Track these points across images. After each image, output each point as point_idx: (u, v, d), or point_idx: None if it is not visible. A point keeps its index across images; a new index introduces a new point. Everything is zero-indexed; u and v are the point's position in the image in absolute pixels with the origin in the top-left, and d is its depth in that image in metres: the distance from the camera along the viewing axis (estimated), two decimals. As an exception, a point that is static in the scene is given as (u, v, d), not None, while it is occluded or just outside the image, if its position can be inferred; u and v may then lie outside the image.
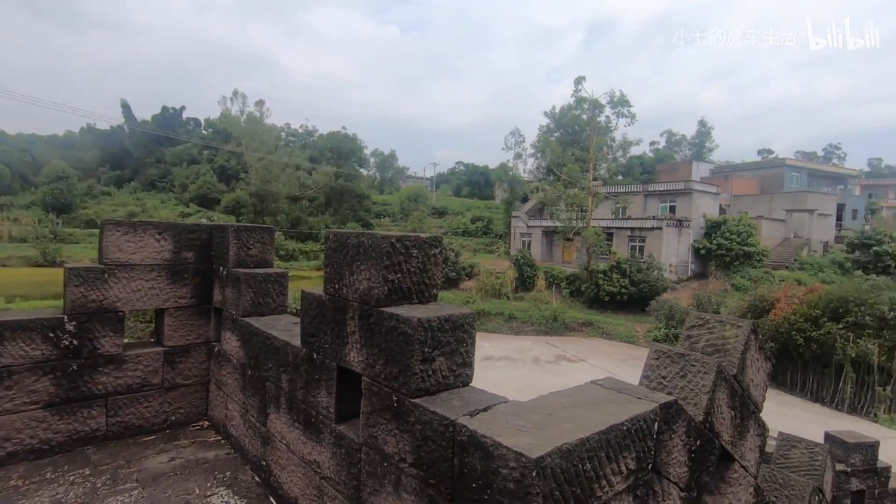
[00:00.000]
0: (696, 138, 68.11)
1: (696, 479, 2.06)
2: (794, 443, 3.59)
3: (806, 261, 33.36)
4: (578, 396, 1.86)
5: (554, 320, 26.75)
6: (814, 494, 3.30)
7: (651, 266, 29.16)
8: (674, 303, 24.97)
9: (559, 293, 31.43)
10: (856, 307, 16.18)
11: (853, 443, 5.66)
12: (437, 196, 74.11)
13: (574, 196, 30.66)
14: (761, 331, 19.03)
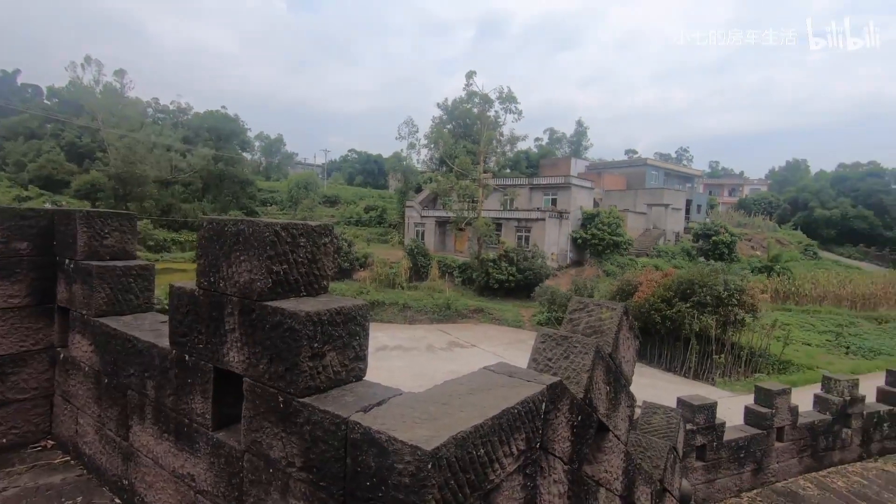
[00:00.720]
0: (574, 137, 73.94)
1: (577, 452, 2.22)
2: (655, 409, 4.05)
3: (662, 249, 38.09)
4: (473, 383, 1.88)
5: (447, 308, 27.42)
6: (670, 453, 3.76)
7: (535, 255, 31.15)
8: (555, 288, 26.98)
9: (452, 282, 32.28)
10: (699, 288, 18.86)
11: (698, 405, 6.58)
12: (328, 184, 71.61)
13: (466, 187, 31.59)
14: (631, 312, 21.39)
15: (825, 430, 8.05)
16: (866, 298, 28.29)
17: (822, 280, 31.28)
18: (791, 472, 7.73)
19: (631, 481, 2.98)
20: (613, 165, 55.44)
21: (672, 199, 43.76)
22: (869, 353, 20.39)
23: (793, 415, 7.63)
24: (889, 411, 8.83)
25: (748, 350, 18.96)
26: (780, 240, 44.29)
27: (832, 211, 52.40)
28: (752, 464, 7.26)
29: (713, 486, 6.90)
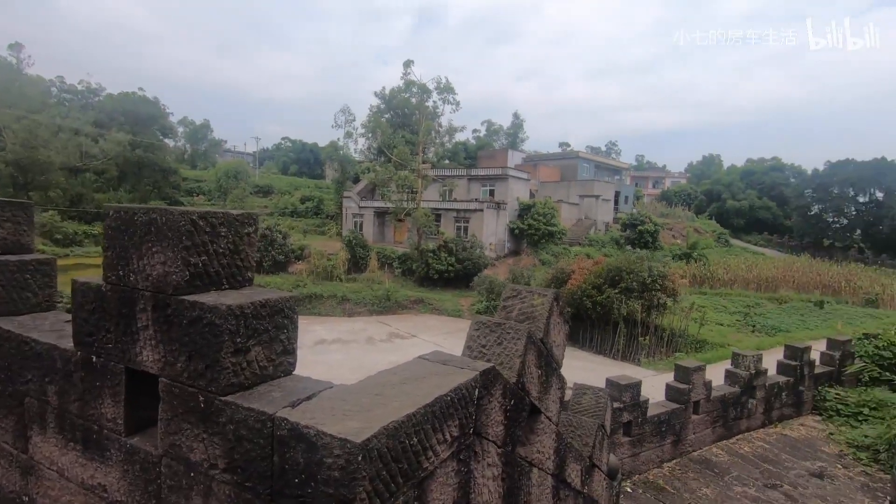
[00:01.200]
0: (511, 129, 75.47)
1: (511, 435, 2.28)
2: (585, 390, 4.25)
3: (593, 238, 39.94)
4: (406, 372, 1.87)
5: (387, 299, 27.24)
6: (598, 431, 3.97)
7: (474, 245, 31.61)
8: (493, 278, 27.57)
9: (391, 273, 32.08)
10: (626, 275, 19.99)
11: (625, 384, 7.00)
12: (261, 173, 68.51)
13: (405, 178, 31.38)
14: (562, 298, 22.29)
15: (734, 401, 8.84)
16: (769, 281, 31.27)
17: (732, 265, 34.17)
18: (706, 441, 8.44)
19: (562, 460, 3.11)
20: (548, 158, 57.21)
21: (602, 190, 45.90)
22: (771, 330, 22.58)
23: (707, 389, 8.30)
24: (787, 382, 9.84)
25: (669, 331, 20.37)
26: (697, 229, 47.83)
27: (741, 202, 57.28)
28: (672, 436, 7.84)
29: (638, 459, 7.38)
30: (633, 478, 7.21)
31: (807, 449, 8.70)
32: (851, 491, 7.35)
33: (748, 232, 55.94)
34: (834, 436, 9.23)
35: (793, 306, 26.87)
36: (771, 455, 8.37)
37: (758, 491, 7.18)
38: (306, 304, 26.35)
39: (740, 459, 8.12)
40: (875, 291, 29.16)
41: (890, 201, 48.37)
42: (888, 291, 29.51)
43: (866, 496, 7.16)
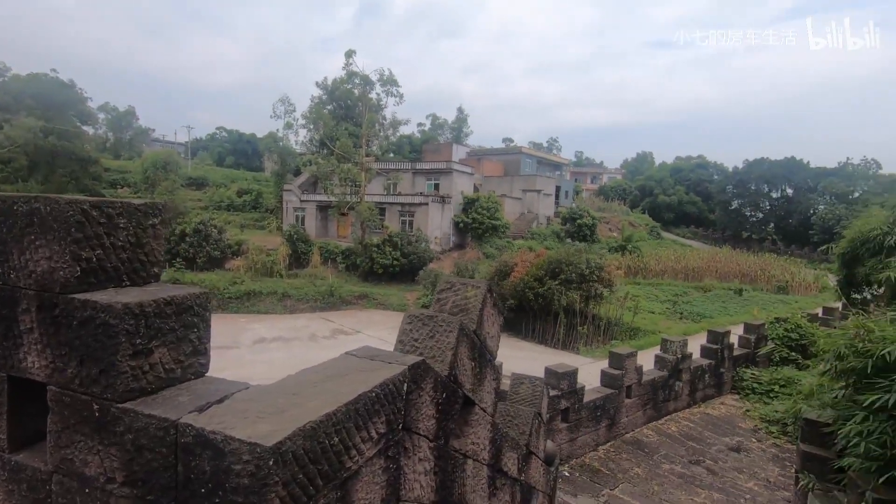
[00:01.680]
0: (456, 123, 75.82)
1: (443, 429, 2.26)
2: (522, 380, 4.33)
3: (535, 232, 41.02)
4: (331, 370, 1.80)
5: (330, 295, 26.68)
6: (535, 419, 4.06)
7: (419, 239, 31.56)
8: (438, 271, 27.67)
9: (335, 268, 31.42)
10: (566, 267, 20.69)
11: (562, 372, 7.23)
12: (193, 165, 64.74)
13: (348, 171, 30.75)
14: (505, 290, 22.80)
15: (663, 384, 9.39)
16: (695, 271, 33.47)
17: (663, 257, 36.26)
18: (637, 423, 8.91)
19: (498, 450, 3.14)
20: (492, 153, 58.00)
21: (544, 185, 47.18)
22: (697, 317, 24.21)
23: (638, 374, 8.76)
24: (709, 364, 10.57)
25: (606, 320, 21.33)
26: (631, 222, 50.32)
27: (671, 197, 60.83)
28: (607, 420, 8.21)
29: (576, 444, 7.67)
30: (571, 462, 7.49)
31: (726, 426, 9.40)
32: (764, 462, 8.01)
33: (677, 225, 59.57)
34: (749, 412, 10.03)
35: (716, 294, 28.92)
36: (695, 433, 8.97)
37: (683, 467, 7.67)
38: (244, 302, 25.29)
39: (668, 439, 8.64)
40: (785, 279, 31.97)
41: (798, 197, 53.14)
42: (796, 279, 32.46)
43: (776, 466, 7.83)
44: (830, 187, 50.65)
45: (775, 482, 7.27)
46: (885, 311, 5.49)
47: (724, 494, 6.85)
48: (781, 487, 7.07)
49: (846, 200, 48.30)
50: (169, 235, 29.63)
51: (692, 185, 62.62)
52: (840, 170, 52.71)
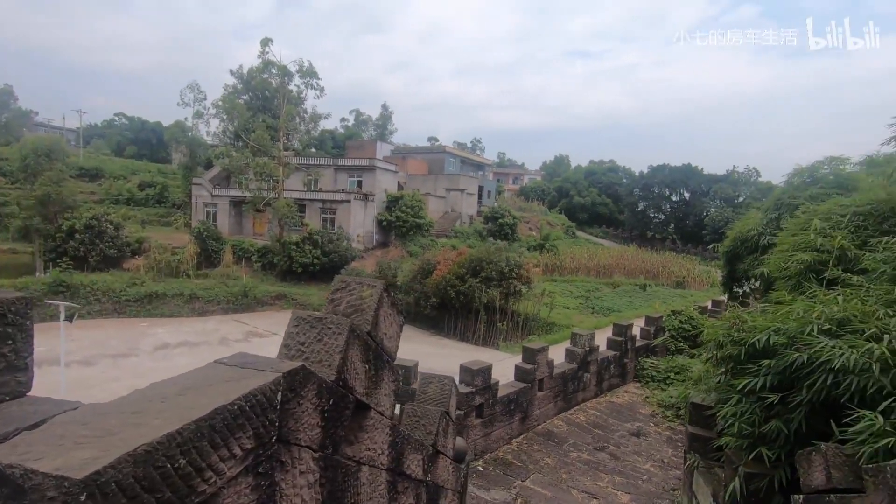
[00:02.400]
0: (380, 120, 74.94)
1: (331, 437, 2.13)
2: (431, 379, 4.29)
3: (459, 230, 41.59)
4: (189, 381, 1.61)
5: (244, 296, 25.25)
6: (442, 418, 4.03)
7: (341, 237, 30.79)
8: (361, 270, 27.16)
9: (250, 267, 29.79)
10: (486, 265, 21.15)
11: (476, 369, 7.32)
12: (87, 153, 58.42)
13: (264, 165, 29.22)
14: (428, 288, 22.84)
15: (573, 376, 9.85)
16: (606, 268, 35.70)
17: (577, 255, 38.31)
18: (549, 414, 9.27)
19: (399, 453, 3.06)
20: (416, 151, 58.03)
21: (467, 184, 47.98)
22: (606, 311, 25.83)
23: (550, 367, 9.11)
24: (614, 356, 11.26)
25: (524, 316, 22.10)
26: (549, 222, 52.65)
27: (585, 198, 64.47)
28: (520, 413, 8.45)
29: (490, 438, 7.81)
30: (485, 456, 7.61)
31: (628, 412, 10.06)
32: (660, 444, 8.66)
33: (591, 225, 63.26)
34: (649, 399, 10.82)
35: (623, 289, 31.04)
36: (601, 421, 9.50)
37: (590, 454, 8.08)
38: (145, 305, 23.20)
39: (577, 428, 9.08)
40: (683, 275, 35.07)
41: (694, 200, 58.60)
42: (692, 275, 35.73)
43: (670, 447, 8.50)
44: (720, 192, 56.33)
45: (669, 462, 7.89)
46: (758, 303, 6.11)
47: (624, 477, 7.30)
48: (674, 467, 7.68)
49: (732, 204, 53.95)
50: (54, 232, 26.41)
51: (604, 187, 66.79)
52: (728, 177, 58.79)
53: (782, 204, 10.48)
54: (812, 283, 5.40)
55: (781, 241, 6.87)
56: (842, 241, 5.29)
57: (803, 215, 6.87)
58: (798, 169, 10.77)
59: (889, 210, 5.73)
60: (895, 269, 4.57)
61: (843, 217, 6.01)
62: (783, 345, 4.24)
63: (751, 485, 4.33)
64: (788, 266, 5.95)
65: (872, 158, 11.75)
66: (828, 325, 4.04)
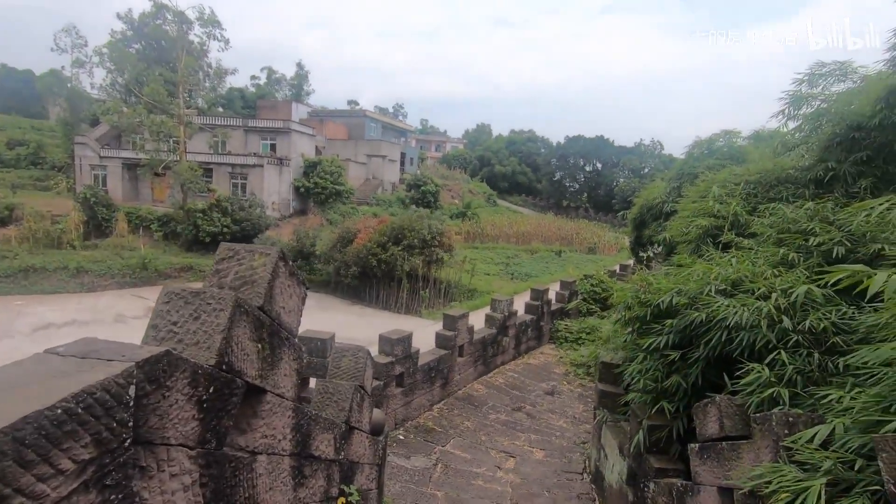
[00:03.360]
0: (295, 80, 70.47)
1: (213, 430, 1.83)
2: (344, 353, 4.04)
3: (381, 198, 40.77)
4: (3, 378, 1.25)
5: (143, 269, 23.07)
6: (356, 392, 3.82)
7: (253, 204, 28.94)
8: (276, 239, 25.77)
9: (150, 237, 27.17)
10: (408, 233, 20.92)
11: (396, 338, 7.16)
12: (-67, 104, 49.28)
13: (161, 124, 26.33)
14: (348, 257, 22.20)
15: (492, 341, 10.05)
16: (524, 236, 36.94)
17: (498, 223, 39.20)
18: (469, 379, 9.42)
19: (305, 435, 2.82)
20: (335, 114, 55.43)
21: (389, 151, 46.87)
22: (525, 277, 26.80)
23: (470, 333, 9.20)
24: (532, 319, 11.65)
25: (446, 283, 22.30)
26: (471, 190, 53.20)
27: (506, 167, 65.81)
28: (441, 380, 8.48)
29: (411, 406, 7.77)
30: (406, 424, 7.58)
31: (544, 373, 10.52)
32: (572, 401, 9.15)
33: (511, 193, 64.89)
34: (562, 359, 11.39)
35: (541, 256, 32.36)
36: (518, 382, 9.84)
37: (507, 415, 8.34)
38: (20, 281, 20.45)
39: (496, 391, 9.33)
40: (595, 241, 37.23)
41: (605, 171, 62.01)
42: (603, 241, 38.04)
43: (581, 404, 9.01)
44: (628, 163, 60.02)
45: (580, 417, 8.37)
46: (662, 266, 6.46)
47: (539, 435, 7.62)
48: (584, 421, 8.15)
49: (639, 175, 57.77)
50: None
51: (524, 157, 68.48)
52: (635, 149, 62.68)
53: (683, 174, 11.20)
54: (709, 246, 5.79)
55: (682, 208, 7.31)
56: (735, 208, 5.67)
57: (702, 184, 7.33)
58: (698, 141, 11.53)
59: (775, 179, 6.23)
60: (780, 232, 4.97)
61: (737, 185, 6.47)
62: (684, 305, 4.50)
63: (653, 436, 4.63)
64: (689, 231, 6.33)
65: (759, 133, 12.90)
66: (724, 286, 4.31)
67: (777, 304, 3.70)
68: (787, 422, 2.87)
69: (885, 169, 5.45)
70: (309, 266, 23.82)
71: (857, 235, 4.31)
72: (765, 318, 3.63)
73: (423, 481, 6.12)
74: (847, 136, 5.75)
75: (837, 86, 6.25)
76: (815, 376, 3.35)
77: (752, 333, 3.66)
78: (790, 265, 4.37)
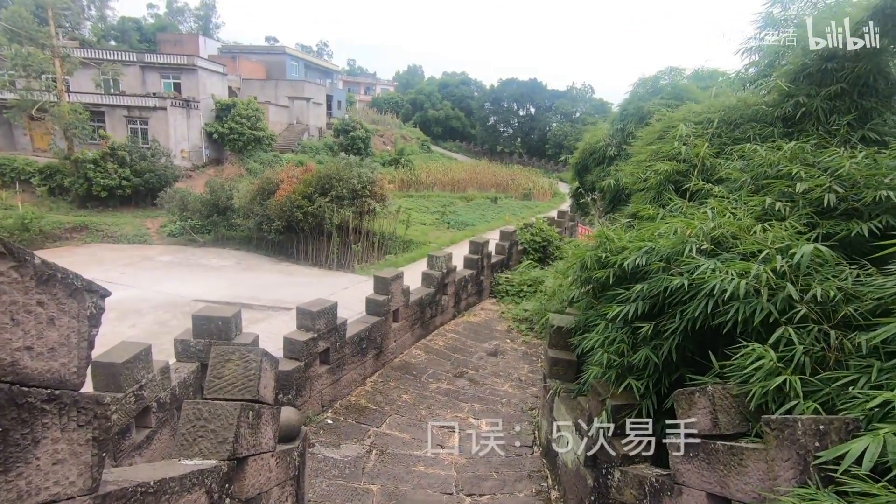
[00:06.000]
0: (202, 10, 62.44)
1: None
2: (229, 356, 2.94)
3: (307, 144, 37.81)
4: None
5: (24, 230, 19.82)
6: (244, 413, 2.78)
7: (157, 152, 25.59)
8: (186, 192, 23.04)
9: (31, 193, 23.38)
10: (337, 182, 19.26)
11: (317, 311, 6.08)
12: None
13: (28, 57, 21.97)
14: (271, 211, 20.15)
15: (430, 301, 9.21)
16: (460, 183, 36.00)
17: (433, 170, 37.84)
18: (406, 345, 8.59)
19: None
20: (250, 51, 49.93)
21: (314, 93, 43.18)
22: (462, 225, 26.12)
23: (405, 296, 8.27)
24: (471, 274, 10.91)
25: (380, 235, 21.11)
26: (404, 136, 50.88)
27: (440, 112, 63.46)
28: (374, 349, 7.57)
29: (340, 384, 6.84)
30: (335, 406, 6.67)
31: (486, 331, 9.91)
32: (516, 361, 8.63)
33: (445, 139, 63.01)
34: (504, 314, 10.84)
35: (477, 203, 31.72)
36: (459, 344, 9.17)
37: (448, 383, 7.65)
38: None
39: (435, 356, 8.59)
40: (529, 187, 37.04)
41: (539, 115, 61.47)
42: (537, 187, 37.96)
43: (526, 363, 8.51)
44: (560, 107, 59.76)
45: (525, 380, 7.86)
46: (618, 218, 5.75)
47: (484, 404, 7.02)
48: (530, 384, 7.66)
49: (570, 119, 57.87)
50: None
51: (457, 100, 66.24)
52: (567, 93, 62.32)
53: (628, 115, 10.56)
54: (672, 194, 5.11)
55: (637, 152, 6.58)
56: (705, 150, 4.97)
57: (658, 123, 6.60)
58: (642, 79, 10.84)
59: (739, 116, 5.59)
60: (757, 178, 4.32)
61: (698, 125, 5.78)
62: (657, 268, 3.80)
63: (618, 417, 4.04)
64: (647, 177, 5.62)
65: (699, 72, 12.43)
66: (705, 245, 3.62)
67: (775, 268, 3.05)
68: (817, 430, 2.20)
69: (858, 104, 4.90)
70: (227, 221, 21.60)
71: (848, 181, 3.72)
72: (765, 287, 2.95)
73: (356, 474, 5.30)
74: (818, 66, 5.13)
75: (813, 12, 5.58)
76: (828, 359, 2.72)
77: (746, 304, 3.00)
78: (779, 217, 3.73)
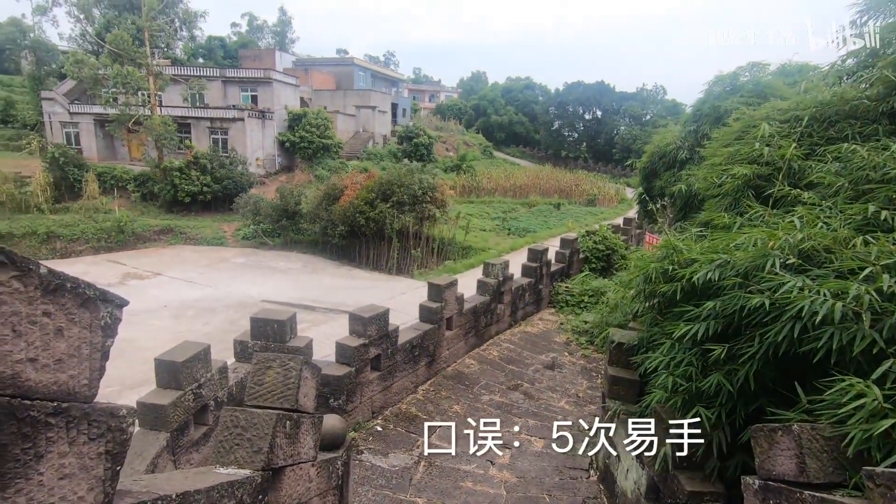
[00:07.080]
0: (278, 27, 66.36)
1: None
2: (270, 363, 2.93)
3: (371, 152, 38.90)
4: None
5: (119, 232, 21.83)
6: (279, 423, 2.74)
7: (235, 160, 27.32)
8: (259, 198, 24.38)
9: (127, 198, 25.76)
10: (398, 188, 19.55)
11: (369, 317, 6.07)
12: None
13: (127, 75, 24.26)
14: (335, 216, 20.82)
15: (485, 309, 9.01)
16: (522, 189, 35.45)
17: (494, 176, 37.58)
18: (459, 354, 8.44)
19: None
20: (321, 63, 52.37)
21: (379, 101, 44.44)
22: (523, 232, 25.64)
23: (459, 303, 8.12)
24: (529, 283, 10.58)
25: (440, 241, 21.16)
26: (466, 142, 51.05)
27: (503, 117, 63.13)
28: (427, 357, 7.48)
29: (390, 391, 6.80)
30: (385, 413, 6.63)
31: (543, 342, 9.54)
32: (574, 376, 8.21)
33: (508, 145, 62.53)
34: (563, 325, 10.40)
35: (539, 209, 31.06)
36: (514, 355, 8.88)
37: (502, 395, 7.40)
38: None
39: (489, 366, 8.36)
40: (594, 193, 35.79)
41: (605, 119, 59.41)
42: (602, 192, 36.60)
43: (585, 379, 8.07)
44: (629, 110, 57.43)
45: (584, 397, 7.45)
46: (688, 227, 5.27)
47: (538, 420, 6.71)
48: (588, 402, 7.24)
49: (640, 122, 55.42)
50: None
51: (521, 105, 65.58)
52: (637, 94, 59.79)
53: (702, 115, 9.81)
54: (752, 201, 4.59)
55: (712, 154, 6.03)
56: (792, 151, 4.42)
57: (737, 123, 6.01)
58: (719, 76, 10.04)
59: (835, 113, 4.94)
60: (856, 182, 3.76)
61: (784, 124, 5.18)
62: (732, 284, 3.38)
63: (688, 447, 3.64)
64: (723, 182, 5.10)
65: (785, 66, 11.33)
66: (791, 259, 3.17)
67: (880, 288, 2.58)
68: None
69: None
70: (295, 226, 22.59)
71: (977, 186, 3.12)
72: (867, 310, 2.51)
73: (402, 485, 5.20)
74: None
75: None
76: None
77: (845, 332, 2.56)
78: (885, 228, 3.19)
